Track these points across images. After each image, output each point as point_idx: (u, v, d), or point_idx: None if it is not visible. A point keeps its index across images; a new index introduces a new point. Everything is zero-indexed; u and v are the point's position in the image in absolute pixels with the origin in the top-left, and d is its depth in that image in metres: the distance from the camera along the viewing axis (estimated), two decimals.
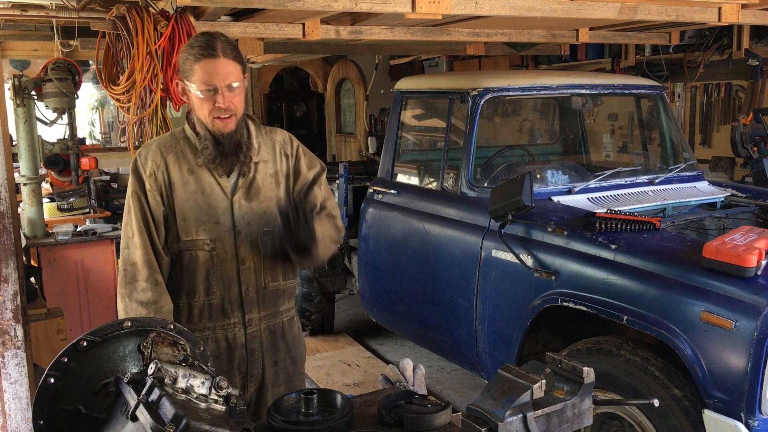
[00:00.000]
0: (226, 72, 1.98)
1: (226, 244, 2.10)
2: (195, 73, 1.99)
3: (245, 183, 2.12)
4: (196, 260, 2.10)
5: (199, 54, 1.97)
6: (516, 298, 3.15)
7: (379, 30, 4.45)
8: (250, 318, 2.16)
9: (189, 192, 2.08)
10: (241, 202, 2.11)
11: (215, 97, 1.99)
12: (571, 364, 1.35)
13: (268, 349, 2.21)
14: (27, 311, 2.77)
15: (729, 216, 3.46)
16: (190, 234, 2.09)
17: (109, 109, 12.11)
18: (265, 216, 2.14)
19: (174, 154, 2.10)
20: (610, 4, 3.78)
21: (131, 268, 2.07)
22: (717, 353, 2.36)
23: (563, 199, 3.45)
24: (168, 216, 2.10)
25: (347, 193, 4.55)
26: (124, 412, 1.25)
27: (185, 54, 2.02)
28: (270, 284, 2.19)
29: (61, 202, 5.25)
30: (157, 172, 2.08)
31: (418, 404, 1.61)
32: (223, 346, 2.14)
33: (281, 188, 2.20)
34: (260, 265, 2.15)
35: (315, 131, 10.71)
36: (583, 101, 4.18)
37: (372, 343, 5.26)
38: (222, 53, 1.98)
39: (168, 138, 2.16)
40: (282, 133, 2.28)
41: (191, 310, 2.13)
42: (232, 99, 2.01)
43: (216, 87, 1.98)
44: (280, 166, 2.20)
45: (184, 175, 2.09)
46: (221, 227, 2.09)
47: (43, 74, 4.58)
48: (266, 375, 2.21)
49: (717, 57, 5.93)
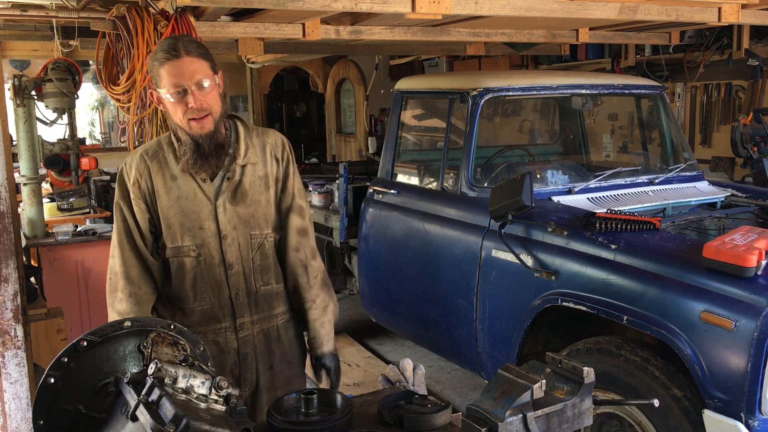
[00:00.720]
0: (192, 70, 1.95)
1: (212, 249, 2.09)
2: (162, 77, 1.96)
3: (230, 186, 2.10)
4: (183, 266, 2.09)
5: (163, 57, 1.95)
6: (516, 298, 3.15)
7: (379, 30, 4.45)
8: (241, 322, 2.14)
9: (172, 199, 2.07)
10: (226, 206, 2.09)
11: (186, 98, 1.96)
12: (571, 364, 1.35)
13: (262, 353, 2.18)
14: (27, 311, 2.77)
15: (729, 216, 3.46)
16: (175, 241, 2.09)
17: (109, 109, 12.11)
18: (252, 220, 2.13)
19: (157, 162, 2.09)
20: (610, 4, 3.78)
21: (114, 277, 2.11)
22: (717, 353, 2.36)
23: (563, 199, 3.45)
24: (154, 223, 2.10)
25: (347, 193, 4.54)
26: (124, 412, 1.25)
27: (151, 62, 2.00)
28: (262, 288, 2.17)
29: (61, 202, 5.25)
30: (141, 180, 2.08)
31: (418, 404, 1.61)
32: (214, 350, 2.11)
33: (270, 192, 2.17)
34: (249, 269, 2.13)
35: (315, 131, 10.70)
36: (583, 101, 4.18)
37: (372, 343, 5.26)
38: (185, 52, 1.95)
39: (153, 145, 2.14)
40: (274, 135, 2.24)
41: (182, 316, 2.12)
42: (203, 98, 1.98)
43: (184, 87, 1.95)
44: (271, 168, 2.17)
45: (167, 182, 2.08)
46: (206, 232, 2.08)
47: (43, 74, 4.58)
48: (260, 379, 2.19)
49: (717, 57, 5.93)
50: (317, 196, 4.87)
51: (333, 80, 8.86)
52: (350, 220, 4.55)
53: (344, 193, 4.52)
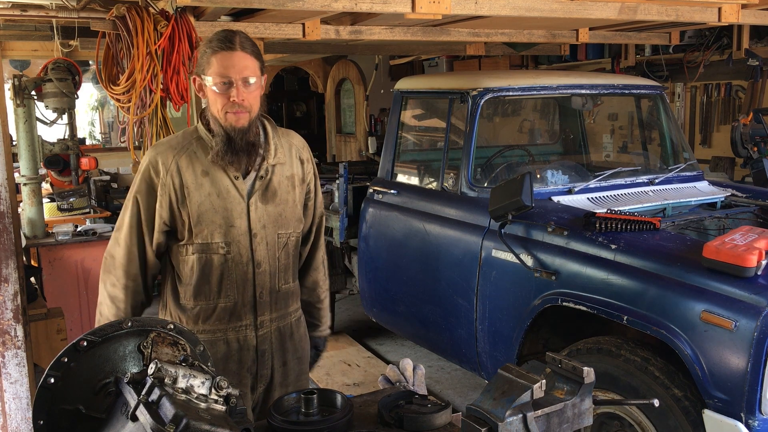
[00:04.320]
0: (242, 65, 1.96)
1: (242, 247, 2.08)
2: (211, 65, 1.96)
3: (262, 185, 2.10)
4: (210, 263, 2.07)
5: (217, 46, 1.96)
6: (516, 298, 3.15)
7: (379, 30, 4.45)
8: (262, 320, 2.15)
9: (204, 194, 2.04)
10: (258, 204, 2.08)
11: (230, 91, 1.96)
12: (571, 364, 1.35)
13: (278, 349, 2.21)
14: (27, 311, 2.77)
15: (729, 216, 3.46)
16: (204, 237, 2.06)
17: (109, 109, 12.12)
18: (280, 219, 2.14)
19: (187, 156, 2.05)
20: (610, 4, 3.78)
21: (110, 260, 2.14)
22: (717, 353, 2.36)
23: (563, 199, 3.45)
24: (178, 220, 2.06)
25: (347, 193, 4.54)
26: (124, 412, 1.25)
27: (203, 48, 2.01)
28: (282, 287, 2.18)
29: (61, 202, 5.25)
30: (166, 177, 2.03)
31: (418, 404, 1.61)
32: (234, 347, 2.13)
33: (296, 192, 2.19)
34: (275, 268, 2.14)
35: (315, 131, 10.70)
36: (583, 101, 4.18)
37: (372, 343, 5.26)
38: (240, 47, 1.96)
39: (180, 139, 2.11)
40: (297, 136, 2.28)
41: (203, 312, 2.11)
42: (247, 94, 1.98)
43: (231, 80, 1.95)
44: (297, 169, 2.19)
45: (198, 178, 2.04)
46: (237, 230, 2.06)
47: (43, 74, 4.58)
48: (275, 375, 2.21)
49: (717, 57, 5.93)
50: None
51: (333, 80, 8.86)
52: (350, 220, 4.55)
53: (344, 193, 4.52)
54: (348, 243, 4.71)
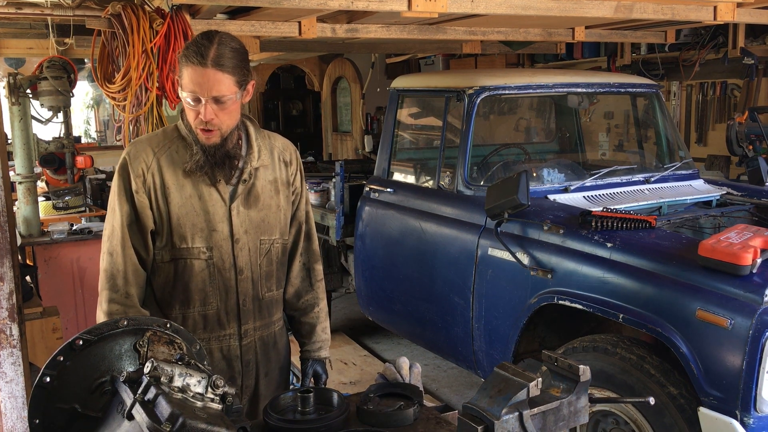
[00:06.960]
0: (212, 83, 1.83)
1: (224, 253, 2.00)
2: (183, 77, 1.86)
3: (245, 189, 2.02)
4: (191, 269, 1.99)
5: (190, 59, 1.83)
6: (512, 296, 3.15)
7: (376, 28, 4.45)
8: (246, 329, 2.08)
9: (185, 196, 1.96)
10: (240, 209, 2.01)
11: (198, 108, 1.86)
12: (567, 362, 1.35)
13: (262, 359, 2.15)
14: (23, 310, 2.76)
15: (724, 214, 3.47)
16: (185, 241, 1.97)
17: (105, 108, 12.10)
18: (263, 224, 2.06)
19: (168, 155, 1.97)
20: (605, 2, 3.78)
21: (103, 275, 2.00)
22: (712, 351, 2.37)
23: (559, 198, 3.45)
24: (159, 221, 1.97)
25: (343, 192, 4.54)
26: (120, 411, 1.25)
27: (181, 53, 1.90)
28: (266, 294, 2.11)
29: (56, 201, 5.24)
30: (147, 174, 1.95)
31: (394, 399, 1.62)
32: (218, 357, 2.05)
33: (281, 196, 2.11)
34: (258, 274, 2.07)
35: (311, 130, 10.69)
36: (579, 100, 4.19)
37: (368, 342, 5.26)
38: (212, 63, 1.82)
39: (160, 137, 2.01)
40: (282, 139, 2.19)
41: (185, 320, 2.02)
42: (217, 113, 1.87)
43: (200, 98, 1.85)
44: (279, 173, 2.11)
45: (179, 178, 1.96)
46: (219, 235, 1.99)
47: (38, 72, 4.56)
48: (260, 385, 2.16)
49: (712, 56, 5.94)
50: (313, 195, 4.87)
51: (329, 78, 8.85)
52: (346, 218, 4.55)
53: (340, 191, 4.52)
54: (344, 241, 4.71)
